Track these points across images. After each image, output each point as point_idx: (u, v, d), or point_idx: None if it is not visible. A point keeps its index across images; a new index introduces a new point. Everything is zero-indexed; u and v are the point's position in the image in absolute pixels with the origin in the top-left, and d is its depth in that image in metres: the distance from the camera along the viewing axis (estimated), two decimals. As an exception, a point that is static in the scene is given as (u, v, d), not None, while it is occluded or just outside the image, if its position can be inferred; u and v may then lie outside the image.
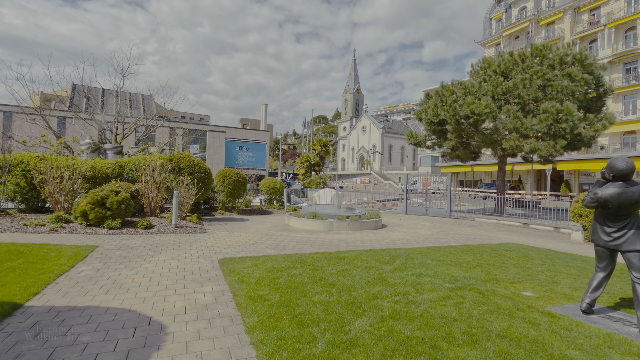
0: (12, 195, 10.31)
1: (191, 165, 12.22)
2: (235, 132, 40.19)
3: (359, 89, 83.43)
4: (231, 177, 14.68)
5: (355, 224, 11.42)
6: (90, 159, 11.65)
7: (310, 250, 7.90)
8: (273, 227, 11.42)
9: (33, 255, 5.97)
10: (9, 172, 10.14)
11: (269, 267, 5.97)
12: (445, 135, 18.10)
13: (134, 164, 11.86)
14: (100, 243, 7.70)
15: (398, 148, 75.01)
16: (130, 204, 9.54)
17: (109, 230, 9.00)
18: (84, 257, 6.30)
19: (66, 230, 8.64)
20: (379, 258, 6.97)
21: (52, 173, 9.68)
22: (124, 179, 12.28)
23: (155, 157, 11.96)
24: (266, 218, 13.94)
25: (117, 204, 9.19)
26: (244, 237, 9.40)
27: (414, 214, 18.42)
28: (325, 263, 6.37)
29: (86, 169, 10.55)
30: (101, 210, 9.06)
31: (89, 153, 13.23)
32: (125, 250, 7.09)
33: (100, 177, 11.63)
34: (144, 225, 9.49)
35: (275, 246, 8.25)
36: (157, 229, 9.59)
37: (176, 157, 12.30)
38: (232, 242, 8.65)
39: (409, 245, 9.01)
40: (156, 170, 11.25)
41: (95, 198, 9.03)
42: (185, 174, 11.95)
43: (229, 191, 14.59)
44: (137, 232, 9.11)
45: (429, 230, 12.01)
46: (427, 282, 5.30)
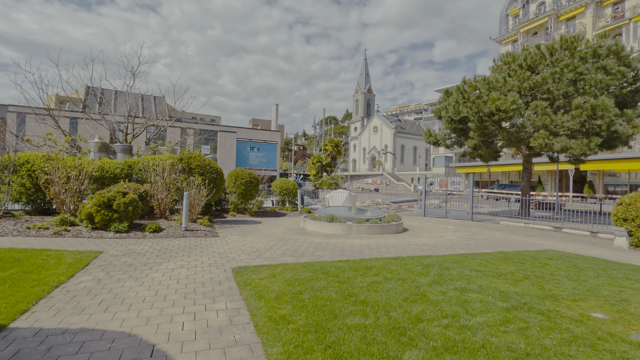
0: (18, 197, 9.88)
1: (202, 166, 11.66)
2: (246, 132, 39.78)
3: (370, 88, 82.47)
4: (243, 178, 14.09)
5: (376, 228, 10.68)
6: (98, 159, 11.17)
7: (331, 257, 7.20)
8: (288, 231, 10.76)
9: (30, 263, 5.41)
10: (14, 172, 9.71)
11: (289, 279, 5.29)
12: (466, 133, 17.20)
13: (143, 164, 11.36)
14: (105, 248, 7.14)
15: (410, 148, 73.77)
16: (138, 206, 9.00)
17: (116, 234, 8.46)
18: (86, 265, 5.73)
19: (71, 234, 8.13)
20: (410, 268, 6.22)
21: (58, 173, 9.21)
22: (133, 179, 11.79)
23: (165, 157, 11.43)
24: (280, 220, 13.30)
25: (124, 206, 8.65)
26: (258, 241, 8.76)
27: (433, 217, 17.56)
28: (351, 274, 5.66)
29: (93, 168, 10.06)
30: (107, 212, 8.53)
31: (97, 152, 12.81)
32: (131, 257, 6.51)
33: (109, 177, 11.15)
34: (152, 228, 8.93)
35: (292, 252, 7.58)
36: (167, 233, 9.02)
37: (187, 156, 11.76)
38: (246, 247, 8.01)
39: (438, 252, 8.24)
40: (166, 170, 10.72)
41: (101, 200, 8.51)
42: (196, 175, 11.40)
43: (241, 192, 14.00)
44: (145, 236, 8.55)
45: (455, 235, 11.18)
46: (475, 299, 4.54)
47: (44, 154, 9.35)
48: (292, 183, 17.20)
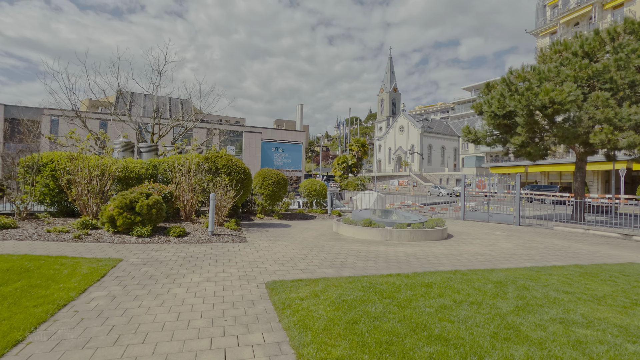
0: (42, 198, 9.51)
1: (229, 165, 10.96)
2: (271, 133, 39.36)
3: (396, 87, 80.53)
4: (271, 178, 13.33)
5: (419, 234, 9.57)
6: (122, 158, 10.70)
7: (376, 269, 6.21)
8: (321, 236, 9.84)
9: (40, 274, 4.76)
10: (38, 173, 9.34)
11: (336, 300, 4.35)
12: (511, 129, 15.70)
13: (168, 164, 10.79)
14: (126, 255, 6.48)
15: (438, 148, 71.29)
16: (162, 208, 8.36)
17: (138, 238, 7.83)
18: (102, 277, 5.03)
19: (91, 238, 7.56)
20: (478, 286, 5.14)
21: (80, 174, 8.72)
22: (158, 180, 11.26)
23: (191, 156, 10.81)
24: (310, 224, 12.42)
25: (147, 209, 8.02)
26: (291, 248, 7.89)
27: (473, 220, 16.15)
28: (409, 294, 4.65)
29: (117, 168, 9.54)
30: (130, 215, 7.93)
31: (122, 152, 12.44)
32: (152, 267, 5.78)
33: (133, 177, 10.65)
34: (177, 232, 8.25)
35: (331, 263, 6.64)
36: (192, 237, 8.32)
37: (213, 155, 11.10)
38: (278, 255, 7.15)
39: (499, 264, 7.06)
40: (191, 170, 10.08)
41: (123, 201, 7.91)
42: (223, 175, 10.70)
43: (269, 193, 13.23)
44: (169, 241, 7.88)
45: (509, 242, 9.88)
46: (591, 338, 3.42)
47: (68, 153, 8.91)
48: (320, 184, 16.30)
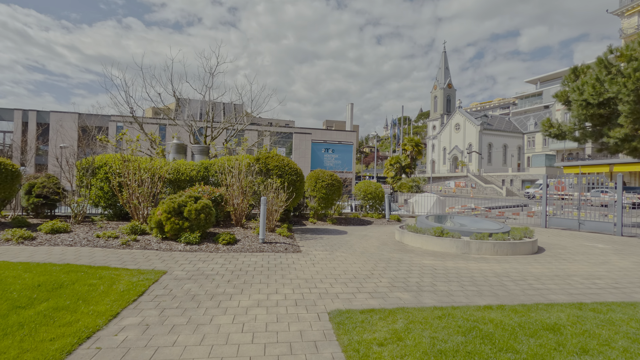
0: (97, 200, 9.43)
1: (280, 166, 10.16)
2: (320, 133, 38.70)
3: (450, 83, 75.98)
4: (324, 180, 12.34)
5: (504, 247, 7.92)
6: (172, 160, 10.37)
7: (465, 296, 4.85)
8: (383, 246, 8.60)
9: (72, 292, 4.15)
10: (93, 175, 9.26)
11: (428, 348, 3.14)
12: (609, 120, 13.10)
13: (219, 166, 10.27)
14: (171, 266, 5.82)
15: (499, 147, 65.78)
16: (211, 213, 7.71)
17: (186, 245, 7.23)
18: (140, 295, 4.32)
19: (139, 245, 7.09)
20: (631, 333, 3.59)
21: (131, 176, 8.41)
22: (209, 182, 10.81)
23: (241, 157, 10.17)
24: (367, 230, 11.21)
25: (196, 214, 7.40)
26: (352, 261, 6.77)
27: (558, 228, 13.77)
28: (533, 345, 3.29)
29: (167, 170, 9.15)
30: (178, 220, 7.36)
31: (174, 154, 12.28)
32: (197, 282, 5.01)
33: (184, 180, 10.28)
34: (226, 240, 7.54)
35: (404, 283, 5.40)
36: (242, 246, 7.56)
37: (264, 156, 10.38)
38: (338, 270, 6.07)
39: (634, 293, 5.30)
40: (242, 172, 9.41)
41: (171, 206, 7.37)
42: (274, 176, 9.91)
43: (322, 196, 12.25)
44: (217, 249, 7.18)
45: (626, 260, 7.84)
46: None
47: (120, 155, 8.70)
48: (377, 186, 14.99)
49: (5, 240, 6.71)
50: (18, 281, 4.17)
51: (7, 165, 7.60)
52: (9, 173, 7.59)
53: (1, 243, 6.64)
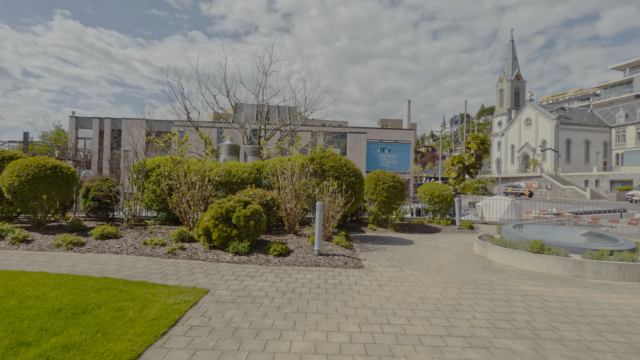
0: (150, 204, 9.18)
1: (337, 167, 9.09)
2: (376, 133, 37.09)
3: (519, 75, 69.15)
4: (385, 182, 11.03)
5: (635, 271, 5.98)
6: (222, 161, 9.84)
7: (614, 355, 3.32)
8: (461, 261, 7.11)
9: (94, 319, 3.45)
10: (146, 178, 9.02)
11: None
12: None
13: (271, 167, 9.51)
14: (215, 283, 5.04)
15: (579, 143, 58.15)
16: (261, 220, 6.88)
17: (234, 256, 6.46)
18: (170, 327, 3.50)
19: (185, 254, 6.48)
20: None
21: (181, 179, 7.94)
22: (262, 184, 10.13)
23: (294, 158, 9.30)
24: (437, 240, 9.68)
25: (245, 220, 6.61)
26: (427, 282, 5.45)
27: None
28: None
29: (217, 172, 8.57)
30: (225, 227, 6.63)
31: (227, 155, 11.86)
32: (241, 308, 4.11)
33: (236, 182, 9.69)
34: (277, 251, 6.65)
35: (509, 323, 3.98)
36: (295, 258, 6.61)
37: (319, 156, 9.40)
38: (413, 295, 4.82)
39: None
40: (295, 173, 8.52)
41: (219, 211, 6.67)
42: (330, 178, 8.88)
43: (383, 200, 10.95)
44: (268, 262, 6.31)
45: None
46: None
47: (170, 156, 8.30)
48: (444, 189, 13.26)
49: (56, 246, 6.51)
50: (38, 303, 3.59)
51: (62, 168, 7.53)
52: (65, 176, 7.51)
53: (52, 248, 6.44)
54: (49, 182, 7.22)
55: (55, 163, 7.43)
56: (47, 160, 7.37)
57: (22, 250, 6.33)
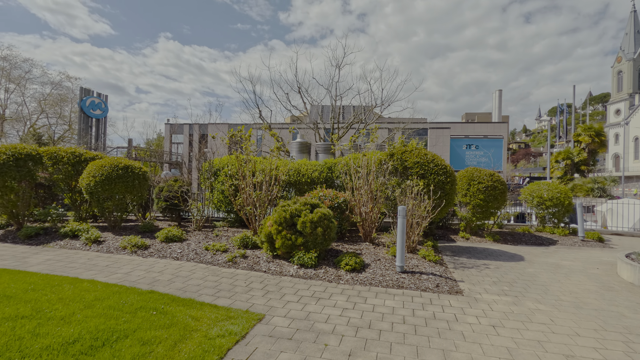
0: (218, 205, 8.82)
1: (423, 163, 7.56)
2: (460, 127, 33.49)
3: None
4: (482, 182, 9.07)
5: None
6: (289, 159, 9.04)
7: None
8: (606, 290, 5.06)
9: (116, 354, 2.70)
10: (215, 178, 8.67)
11: None
12: None
13: (344, 164, 8.40)
14: (273, 305, 4.08)
15: None
16: (330, 226, 5.79)
17: (299, 269, 5.49)
18: (204, 376, 2.57)
19: (246, 263, 5.72)
20: None
21: (248, 179, 7.29)
22: (334, 185, 9.10)
23: (371, 154, 8.02)
24: (555, 255, 7.48)
25: (311, 227, 5.59)
26: (569, 328, 3.72)
27: None
28: None
29: (284, 171, 7.76)
30: (290, 234, 5.70)
31: (298, 154, 11.13)
32: (299, 350, 3.05)
33: (305, 182, 8.81)
34: (350, 265, 5.48)
35: None
36: (372, 275, 5.36)
37: (399, 151, 7.98)
38: (552, 352, 3.20)
39: None
40: (371, 171, 7.28)
41: (282, 215, 5.77)
42: (414, 177, 7.39)
43: (479, 203, 9.01)
44: (338, 278, 5.18)
45: None
46: None
47: (235, 156, 7.76)
48: (560, 190, 10.60)
49: (122, 248, 6.31)
50: (57, 329, 3.00)
51: (134, 168, 7.47)
52: (136, 176, 7.43)
53: (118, 251, 6.26)
54: (121, 182, 7.18)
55: (127, 163, 7.40)
56: (120, 161, 7.37)
57: (92, 251, 6.26)
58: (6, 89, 38.10)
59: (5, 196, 7.02)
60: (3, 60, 36.60)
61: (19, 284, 4.10)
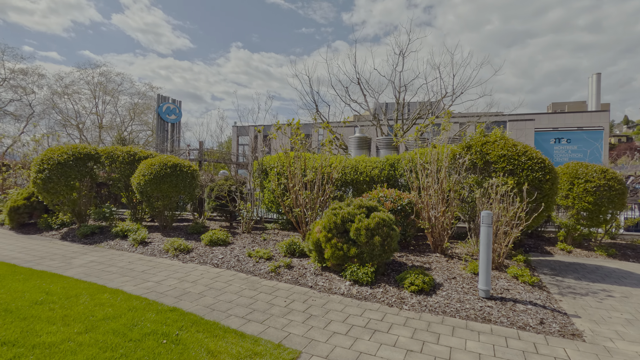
0: (269, 205, 8.21)
1: (510, 156, 6.01)
2: (547, 119, 29.15)
3: None
4: (591, 180, 7.12)
5: None
6: (343, 156, 8.05)
7: None
8: None
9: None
10: (265, 177, 8.08)
11: None
12: None
13: (409, 161, 7.18)
14: (314, 337, 3.17)
15: None
16: (391, 234, 4.69)
17: (352, 286, 4.49)
18: None
19: (290, 275, 4.90)
20: None
21: (296, 178, 6.51)
22: (398, 184, 7.93)
23: (441, 147, 6.66)
24: None
25: (367, 235, 4.56)
26: None
27: None
28: None
29: (338, 168, 6.81)
30: (341, 243, 4.73)
31: (356, 150, 10.11)
32: None
33: (363, 181, 7.77)
34: (417, 285, 4.32)
35: None
36: (445, 300, 4.14)
37: (478, 142, 6.51)
38: None
39: None
40: (443, 168, 5.98)
41: (332, 220, 4.83)
42: (500, 173, 5.88)
43: (586, 207, 7.06)
44: (401, 302, 4.07)
45: None
46: None
47: (284, 151, 7.02)
48: None
49: (164, 251, 5.95)
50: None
51: (182, 166, 7.17)
52: (184, 175, 7.12)
53: (161, 254, 5.90)
54: (169, 181, 6.92)
55: (176, 161, 7.12)
56: (169, 159, 7.12)
57: (137, 253, 6.00)
58: (103, 101, 43.35)
59: (67, 195, 7.20)
60: (100, 75, 41.65)
61: (36, 293, 3.76)
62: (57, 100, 38.57)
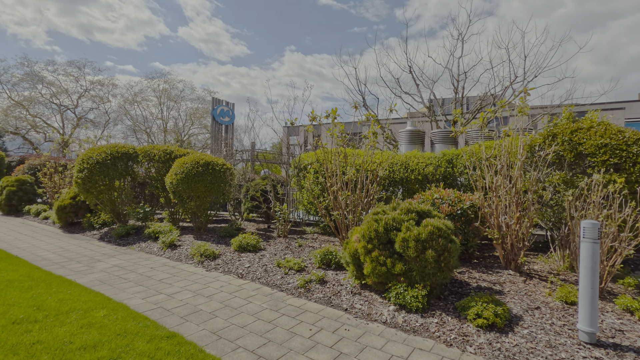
0: (308, 207, 7.46)
1: (615, 146, 4.55)
2: (639, 108, 24.73)
3: None
4: None
5: None
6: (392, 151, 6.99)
7: None
8: None
9: None
10: (304, 176, 7.36)
11: None
12: None
13: (471, 156, 5.94)
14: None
15: None
16: (450, 247, 3.63)
17: (397, 311, 3.53)
18: None
19: (322, 294, 4.07)
20: None
21: (336, 177, 5.67)
22: (456, 183, 6.73)
23: (514, 139, 5.33)
24: None
25: (416, 247, 3.56)
26: None
27: None
28: None
29: (383, 165, 5.82)
30: (383, 257, 3.78)
31: (408, 145, 8.94)
32: None
33: (414, 180, 6.67)
34: (485, 318, 3.23)
35: None
36: (528, 344, 3.00)
37: (566, 129, 5.11)
38: None
39: None
40: (516, 163, 4.73)
41: (373, 227, 3.90)
42: (600, 168, 4.46)
43: None
44: (464, 341, 3.03)
45: None
46: None
47: (322, 148, 6.21)
48: None
49: (190, 257, 5.47)
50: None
51: (215, 165, 6.71)
52: (217, 173, 6.65)
53: (187, 259, 5.43)
54: (201, 180, 6.49)
55: (208, 159, 6.68)
56: (201, 157, 6.71)
57: (164, 257, 5.61)
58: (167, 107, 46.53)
59: (106, 194, 7.15)
60: (165, 83, 44.70)
61: (24, 308, 3.30)
62: (128, 107, 42.06)
